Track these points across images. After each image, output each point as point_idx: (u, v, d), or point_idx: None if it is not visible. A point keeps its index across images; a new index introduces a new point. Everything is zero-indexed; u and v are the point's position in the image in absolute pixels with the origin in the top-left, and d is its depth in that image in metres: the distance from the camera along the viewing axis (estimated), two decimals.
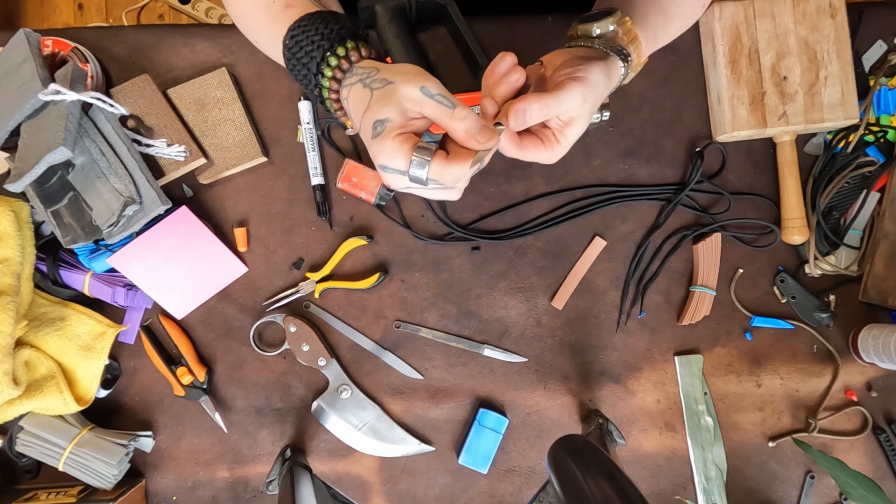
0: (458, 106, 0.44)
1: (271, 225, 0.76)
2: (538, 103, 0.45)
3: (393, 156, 0.44)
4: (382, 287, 0.76)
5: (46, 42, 0.69)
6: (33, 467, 0.73)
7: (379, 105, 0.46)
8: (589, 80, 0.47)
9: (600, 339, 0.77)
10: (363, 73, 0.49)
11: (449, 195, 0.48)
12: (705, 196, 0.78)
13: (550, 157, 0.50)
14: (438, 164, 0.44)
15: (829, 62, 0.71)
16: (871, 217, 0.76)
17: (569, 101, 0.46)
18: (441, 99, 0.44)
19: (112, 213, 0.65)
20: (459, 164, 0.44)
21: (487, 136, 0.44)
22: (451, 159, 0.44)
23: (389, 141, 0.44)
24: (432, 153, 0.44)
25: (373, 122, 0.45)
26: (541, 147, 0.49)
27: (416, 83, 0.45)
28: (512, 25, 0.76)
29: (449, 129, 0.45)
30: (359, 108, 0.48)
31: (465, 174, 0.44)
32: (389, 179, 0.47)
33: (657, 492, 0.77)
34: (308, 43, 0.52)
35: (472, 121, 0.44)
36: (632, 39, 0.53)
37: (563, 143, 0.49)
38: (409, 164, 0.44)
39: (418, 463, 0.76)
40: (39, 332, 0.69)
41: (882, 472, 0.77)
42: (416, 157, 0.44)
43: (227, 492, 0.75)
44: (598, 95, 0.49)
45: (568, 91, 0.46)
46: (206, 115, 0.73)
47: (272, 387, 0.76)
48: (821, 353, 0.78)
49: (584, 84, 0.47)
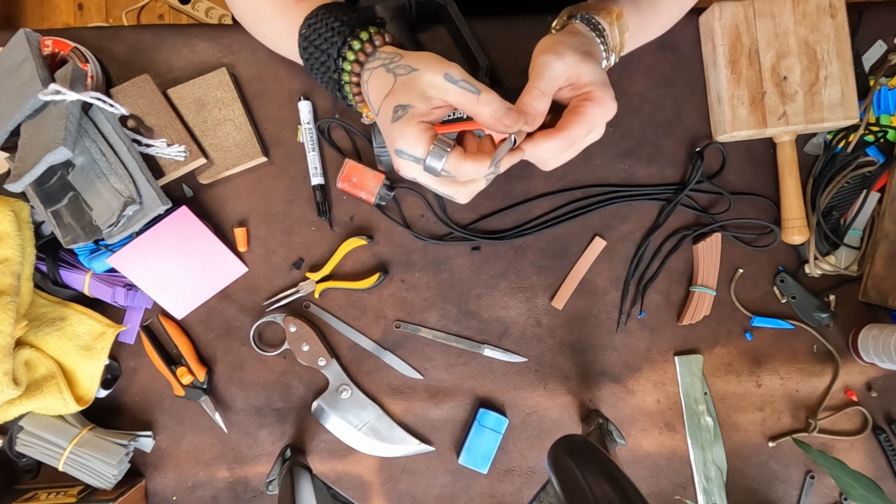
0: (483, 91, 0.45)
1: (271, 225, 0.76)
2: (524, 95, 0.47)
3: (413, 142, 0.45)
4: (382, 287, 0.76)
5: (46, 42, 0.69)
6: (33, 467, 0.73)
7: (403, 91, 0.46)
8: (544, 46, 0.49)
9: (600, 339, 0.77)
10: (386, 57, 0.49)
11: (457, 194, 0.49)
12: (705, 196, 0.78)
13: (601, 107, 0.48)
14: (456, 157, 0.45)
15: (829, 62, 0.71)
16: (871, 217, 0.76)
17: (543, 68, 0.48)
18: (465, 85, 0.45)
19: (112, 213, 0.65)
20: (475, 161, 0.45)
21: (514, 118, 0.45)
22: (469, 156, 0.45)
23: (412, 127, 0.45)
24: (451, 146, 0.45)
25: (394, 106, 0.46)
26: (587, 108, 0.48)
27: (439, 70, 0.45)
28: (512, 25, 0.76)
29: (475, 114, 0.45)
30: (380, 92, 0.48)
31: (479, 172, 0.45)
32: (402, 165, 0.47)
33: (657, 492, 0.77)
34: (327, 30, 0.53)
35: (498, 104, 0.45)
36: (590, 9, 0.56)
37: (595, 90, 0.48)
38: (428, 153, 0.45)
39: (418, 463, 0.76)
40: (39, 332, 0.69)
41: (882, 472, 0.77)
42: (437, 146, 0.45)
43: (227, 492, 0.75)
44: (567, 45, 0.49)
45: (536, 64, 0.48)
46: (206, 115, 0.73)
47: (272, 387, 0.76)
48: (821, 353, 0.78)
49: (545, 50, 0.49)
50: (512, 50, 0.76)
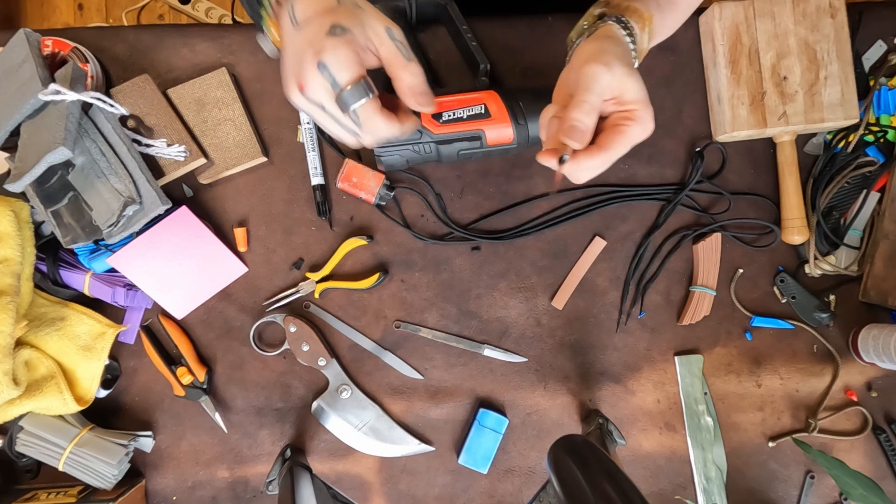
0: (413, 61, 0.44)
1: (271, 225, 0.76)
2: (573, 109, 0.45)
3: (342, 64, 0.43)
4: (382, 287, 0.76)
5: (46, 42, 0.69)
6: (33, 467, 0.73)
7: (346, 16, 0.44)
8: (591, 53, 0.46)
9: (600, 339, 0.77)
10: None
11: (347, 138, 0.47)
12: (705, 196, 0.78)
13: (643, 126, 0.47)
14: (374, 105, 0.44)
15: (829, 62, 0.71)
16: (871, 217, 0.76)
17: (594, 81, 0.45)
18: (401, 46, 0.44)
19: (112, 213, 0.65)
20: (388, 120, 0.44)
21: (428, 101, 0.45)
22: (384, 113, 0.44)
23: (347, 49, 0.43)
24: (375, 93, 0.44)
25: (333, 23, 0.43)
26: (628, 128, 0.46)
27: (383, 22, 0.44)
28: (512, 25, 0.76)
29: (396, 77, 0.45)
30: (317, 5, 0.44)
31: (386, 132, 0.45)
32: (313, 82, 0.44)
33: (657, 492, 0.77)
34: None
35: (422, 79, 0.44)
36: (624, 9, 0.52)
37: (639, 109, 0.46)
38: (350, 84, 0.43)
39: (418, 463, 0.76)
40: (39, 332, 0.69)
41: (882, 472, 0.77)
42: (364, 83, 0.43)
43: (227, 492, 0.75)
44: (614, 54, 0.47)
45: (586, 75, 0.45)
46: (206, 115, 0.73)
47: (272, 387, 0.76)
48: (821, 353, 0.78)
49: (593, 58, 0.46)
50: (512, 50, 0.76)
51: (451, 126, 0.67)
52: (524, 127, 0.68)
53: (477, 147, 0.68)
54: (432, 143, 0.67)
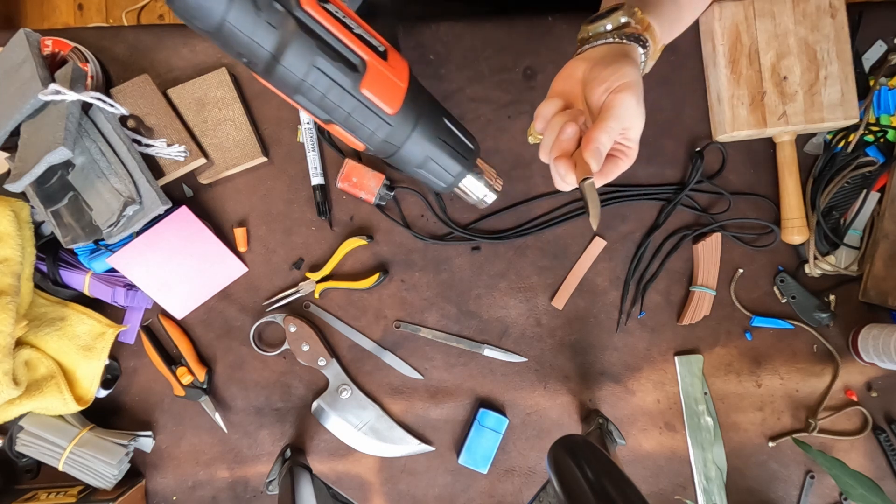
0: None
1: (271, 225, 0.76)
2: (603, 133, 0.46)
3: None
4: (382, 287, 0.76)
5: (46, 42, 0.69)
6: (33, 467, 0.73)
7: None
8: (629, 81, 0.48)
9: (600, 339, 0.77)
10: None
11: None
12: (705, 196, 0.78)
13: (630, 162, 0.51)
14: None
15: (829, 62, 0.71)
16: (871, 217, 0.76)
17: (625, 112, 0.47)
18: None
19: (112, 213, 0.65)
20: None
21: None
22: None
23: None
24: None
25: None
26: (621, 161, 0.50)
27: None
28: (512, 25, 0.76)
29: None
30: None
31: None
32: None
33: (657, 492, 0.77)
34: None
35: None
36: (646, 28, 0.53)
37: (633, 147, 0.50)
38: None
39: (418, 463, 0.76)
40: (39, 332, 0.69)
41: (882, 472, 0.77)
42: None
43: (227, 492, 0.75)
44: (641, 89, 0.49)
45: (620, 104, 0.47)
46: (206, 115, 0.73)
47: (272, 387, 0.76)
48: (821, 353, 0.78)
49: (630, 89, 0.47)
50: (512, 50, 0.76)
51: (329, 20, 0.45)
52: (409, 125, 0.51)
53: (347, 86, 0.47)
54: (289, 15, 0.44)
